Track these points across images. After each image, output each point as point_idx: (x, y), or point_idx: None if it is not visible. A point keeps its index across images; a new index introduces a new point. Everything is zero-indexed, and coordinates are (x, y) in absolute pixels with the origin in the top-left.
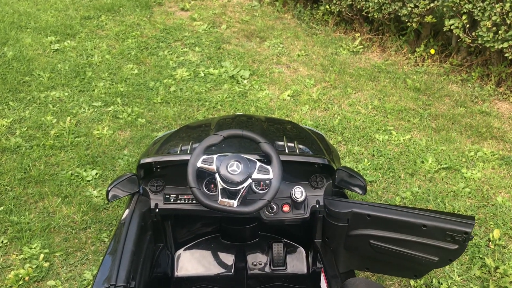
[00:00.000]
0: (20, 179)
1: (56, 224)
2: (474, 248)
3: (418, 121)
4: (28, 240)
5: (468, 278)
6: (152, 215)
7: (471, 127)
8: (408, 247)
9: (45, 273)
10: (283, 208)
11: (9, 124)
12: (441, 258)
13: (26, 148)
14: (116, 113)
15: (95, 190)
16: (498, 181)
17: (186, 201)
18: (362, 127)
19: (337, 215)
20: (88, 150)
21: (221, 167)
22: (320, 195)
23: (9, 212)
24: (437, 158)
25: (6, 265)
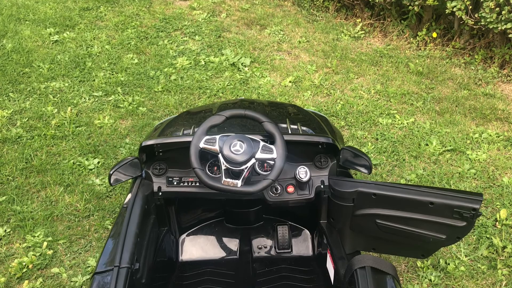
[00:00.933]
0: (22, 169)
1: (59, 212)
2: (481, 228)
3: (422, 105)
4: (31, 229)
5: (475, 258)
6: (155, 198)
7: (475, 109)
8: (415, 225)
9: (49, 261)
10: (288, 189)
11: (9, 115)
12: (449, 236)
13: (27, 139)
14: (117, 102)
15: (97, 179)
16: (503, 162)
17: (190, 184)
18: (365, 111)
19: (342, 195)
20: (89, 139)
21: (224, 147)
22: (324, 175)
23: (11, 201)
24: (442, 140)
25: (9, 254)
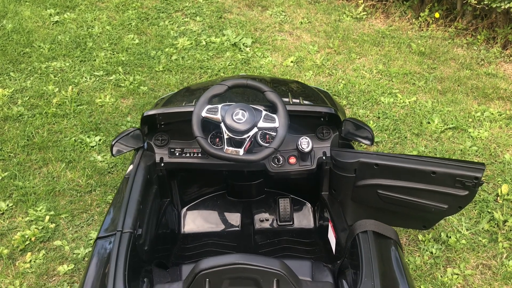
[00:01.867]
0: (23, 146)
1: (60, 187)
2: (483, 203)
3: (424, 84)
4: (33, 203)
5: (476, 231)
6: (157, 169)
7: (477, 89)
8: (417, 195)
9: (51, 234)
10: (290, 160)
11: (10, 93)
12: (451, 206)
13: (29, 117)
14: (118, 81)
15: (99, 155)
16: (505, 140)
17: (192, 155)
18: (367, 90)
19: (344, 166)
20: (91, 118)
21: (226, 116)
22: (326, 147)
23: (13, 177)
24: (443, 119)
25: (12, 227)
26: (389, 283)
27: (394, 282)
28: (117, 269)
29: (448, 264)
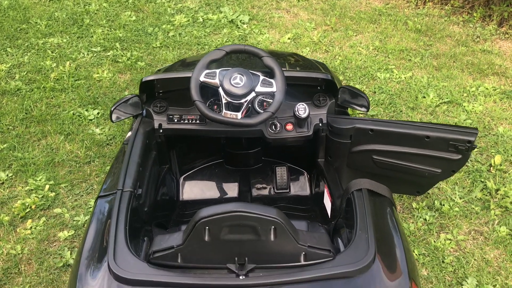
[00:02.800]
0: (22, 119)
1: (60, 158)
2: (476, 173)
3: (420, 60)
4: (33, 173)
5: (469, 200)
6: (156, 135)
7: (472, 65)
8: (411, 160)
9: (51, 202)
10: (287, 127)
11: (8, 68)
12: (444, 170)
13: (27, 91)
14: (115, 57)
15: (97, 128)
16: (499, 113)
17: (190, 121)
18: (364, 66)
19: (340, 132)
20: (89, 92)
21: (224, 81)
22: (323, 114)
23: (12, 148)
24: (439, 93)
25: (12, 196)
26: (383, 236)
27: (388, 235)
28: (118, 224)
29: (441, 230)
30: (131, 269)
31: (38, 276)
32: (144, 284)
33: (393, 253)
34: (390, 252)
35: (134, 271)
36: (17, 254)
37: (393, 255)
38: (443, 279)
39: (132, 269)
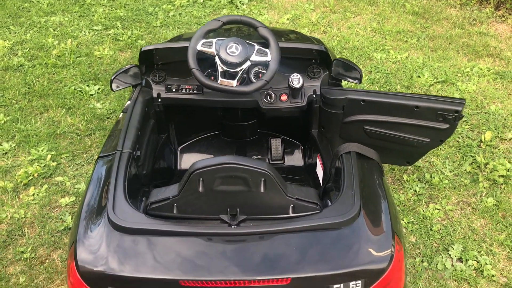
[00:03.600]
0: (24, 93)
1: (61, 131)
2: (466, 149)
3: (416, 42)
4: (35, 144)
5: (459, 173)
6: (155, 104)
7: (468, 46)
8: (401, 130)
9: (53, 171)
10: (281, 98)
11: (10, 45)
12: (432, 139)
13: (29, 67)
14: (116, 35)
15: (98, 103)
16: (492, 92)
17: (188, 91)
18: (361, 47)
19: (333, 102)
20: (90, 68)
21: (220, 50)
22: (317, 85)
23: (15, 121)
24: (433, 73)
25: (15, 165)
26: (368, 193)
27: (373, 193)
28: (118, 180)
29: (430, 201)
30: (129, 219)
31: (40, 238)
32: (141, 232)
33: (378, 208)
34: (374, 207)
35: (132, 221)
36: (20, 218)
37: (377, 210)
38: (430, 245)
39: (130, 219)
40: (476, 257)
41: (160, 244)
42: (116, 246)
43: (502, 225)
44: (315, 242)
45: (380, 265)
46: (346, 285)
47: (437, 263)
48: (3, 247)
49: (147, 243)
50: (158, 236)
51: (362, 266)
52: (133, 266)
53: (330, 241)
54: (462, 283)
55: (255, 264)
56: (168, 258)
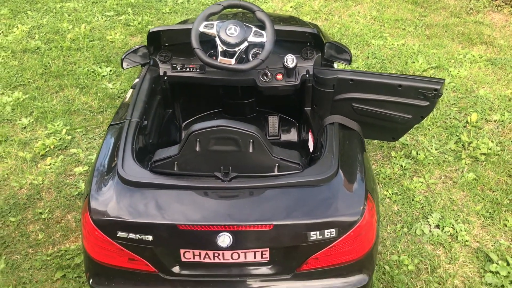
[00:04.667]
0: (41, 73)
1: (75, 108)
2: (452, 129)
3: (413, 29)
4: (51, 120)
5: (443, 151)
6: (161, 81)
7: (463, 34)
8: (386, 107)
9: (68, 144)
10: (277, 77)
11: (28, 29)
12: (414, 116)
13: (46, 49)
14: (127, 21)
15: (110, 83)
16: (482, 78)
17: (191, 70)
18: (360, 34)
19: (324, 82)
20: (102, 51)
21: (220, 31)
22: (310, 66)
23: (33, 98)
24: (428, 59)
25: (33, 138)
26: (347, 158)
27: (352, 157)
28: (126, 143)
29: (414, 175)
30: (136, 175)
31: (56, 202)
32: (146, 186)
33: (354, 171)
34: (351, 169)
35: (139, 176)
36: (38, 184)
37: (353, 172)
38: (411, 214)
39: (137, 175)
40: (453, 224)
41: (162, 195)
42: (124, 198)
43: (479, 197)
44: (296, 196)
45: (352, 218)
46: (322, 233)
47: (416, 229)
48: (23, 208)
49: (151, 195)
50: (160, 189)
51: (336, 218)
52: (138, 213)
53: (310, 196)
54: (437, 246)
55: (243, 213)
56: (169, 207)
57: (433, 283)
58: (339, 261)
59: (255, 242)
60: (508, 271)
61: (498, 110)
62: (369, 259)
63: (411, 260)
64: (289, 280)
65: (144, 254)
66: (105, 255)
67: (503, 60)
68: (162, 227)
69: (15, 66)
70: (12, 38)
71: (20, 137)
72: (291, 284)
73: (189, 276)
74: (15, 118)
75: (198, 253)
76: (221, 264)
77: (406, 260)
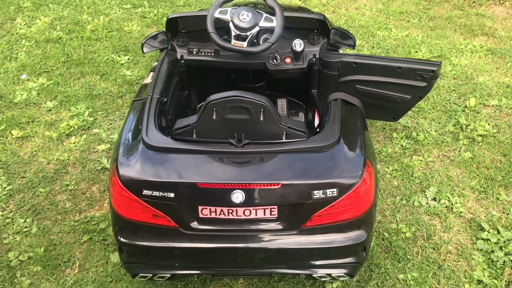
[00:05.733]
0: (63, 61)
1: (96, 92)
2: (452, 112)
3: (417, 21)
4: (74, 103)
5: (442, 132)
6: (178, 65)
7: (465, 26)
8: (386, 88)
9: (90, 124)
10: (286, 60)
11: (50, 21)
12: (413, 96)
13: (67, 39)
14: (143, 13)
15: (128, 71)
16: (482, 66)
17: (206, 54)
18: (366, 25)
19: (330, 65)
20: (120, 41)
21: (234, 17)
22: (316, 50)
23: (57, 84)
24: (430, 49)
25: (58, 119)
26: (349, 128)
27: (353, 129)
28: (150, 115)
29: (414, 154)
30: (158, 141)
31: (82, 175)
32: (168, 151)
33: (355, 140)
34: (352, 138)
35: (161, 142)
36: (64, 160)
37: (354, 141)
38: (410, 188)
39: (160, 141)
40: (449, 197)
41: (183, 159)
42: (149, 161)
43: (475, 174)
44: (302, 160)
45: (351, 180)
46: (324, 192)
47: (414, 201)
48: (51, 181)
49: (173, 158)
50: (181, 154)
51: (337, 179)
52: (161, 174)
53: (314, 160)
54: (434, 217)
55: (254, 174)
56: (189, 168)
57: (428, 248)
58: (340, 218)
59: (265, 199)
60: (498, 238)
61: (496, 96)
62: (368, 218)
63: (408, 228)
64: (295, 235)
65: (166, 211)
66: (131, 212)
67: (503, 50)
68: (182, 185)
69: (38, 55)
70: (35, 29)
71: (46, 119)
72: (297, 239)
73: (206, 231)
74: (41, 101)
75: (214, 209)
76: (235, 220)
77: (404, 228)
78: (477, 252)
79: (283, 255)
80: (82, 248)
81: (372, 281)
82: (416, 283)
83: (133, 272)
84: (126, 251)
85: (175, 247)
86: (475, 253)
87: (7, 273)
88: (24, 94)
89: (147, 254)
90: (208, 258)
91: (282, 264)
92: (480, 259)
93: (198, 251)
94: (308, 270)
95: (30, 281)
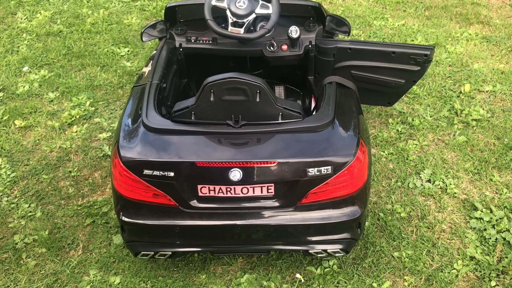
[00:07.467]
0: (64, 54)
1: (97, 83)
2: (447, 98)
3: (413, 11)
4: (76, 94)
5: (437, 117)
6: (177, 53)
7: (460, 15)
8: (381, 73)
9: (92, 114)
10: (282, 47)
11: (50, 15)
12: (407, 80)
13: (67, 33)
14: (142, 6)
15: (128, 62)
16: (477, 53)
17: (204, 42)
18: (362, 15)
19: (325, 51)
20: (120, 34)
21: (231, 4)
22: (312, 37)
23: (58, 76)
24: (426, 38)
25: (60, 109)
26: (343, 109)
27: (347, 110)
28: (149, 99)
29: (409, 138)
30: (158, 122)
31: (84, 162)
32: (168, 132)
33: (349, 120)
34: (346, 119)
35: (161, 123)
36: (67, 147)
37: (348, 121)
38: (405, 171)
39: (159, 123)
40: (443, 179)
41: (182, 140)
42: (149, 142)
43: (469, 156)
44: (297, 140)
45: (345, 158)
46: (319, 170)
47: (409, 183)
48: (54, 168)
49: (172, 139)
50: (180, 135)
51: (331, 158)
52: (161, 154)
53: (309, 139)
54: (428, 198)
55: (251, 153)
56: (187, 149)
57: (423, 228)
58: (335, 195)
59: (262, 176)
60: (491, 217)
61: (491, 82)
62: (362, 195)
63: (403, 208)
64: (292, 212)
65: (167, 190)
66: (133, 192)
67: (497, 38)
68: (182, 164)
69: (39, 48)
70: (36, 23)
71: (48, 109)
72: (293, 215)
73: (205, 209)
74: (43, 93)
75: (213, 188)
76: (233, 198)
77: (399, 209)
78: (470, 231)
79: (280, 231)
80: (86, 231)
81: (368, 259)
82: (411, 260)
83: (135, 250)
84: (128, 229)
85: (176, 225)
86: (468, 231)
87: (13, 255)
88: (26, 85)
89: (148, 233)
90: (208, 235)
91: (279, 241)
92: (473, 237)
93: (197, 229)
94: (305, 246)
95: (35, 262)
